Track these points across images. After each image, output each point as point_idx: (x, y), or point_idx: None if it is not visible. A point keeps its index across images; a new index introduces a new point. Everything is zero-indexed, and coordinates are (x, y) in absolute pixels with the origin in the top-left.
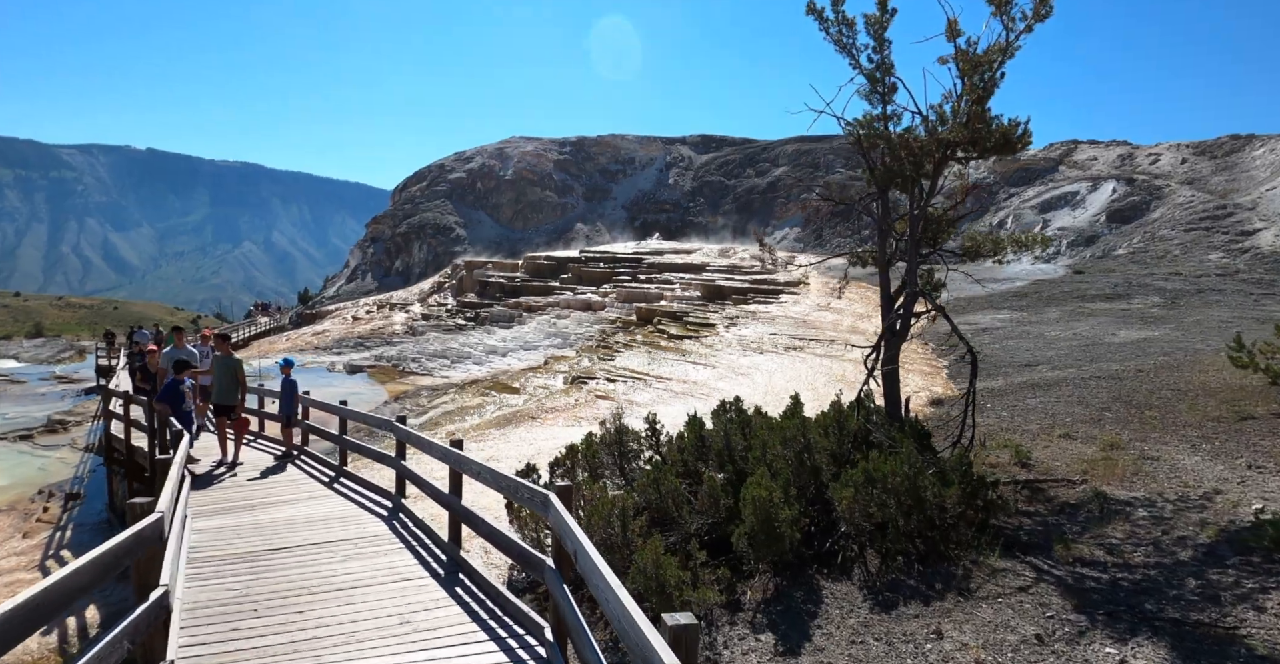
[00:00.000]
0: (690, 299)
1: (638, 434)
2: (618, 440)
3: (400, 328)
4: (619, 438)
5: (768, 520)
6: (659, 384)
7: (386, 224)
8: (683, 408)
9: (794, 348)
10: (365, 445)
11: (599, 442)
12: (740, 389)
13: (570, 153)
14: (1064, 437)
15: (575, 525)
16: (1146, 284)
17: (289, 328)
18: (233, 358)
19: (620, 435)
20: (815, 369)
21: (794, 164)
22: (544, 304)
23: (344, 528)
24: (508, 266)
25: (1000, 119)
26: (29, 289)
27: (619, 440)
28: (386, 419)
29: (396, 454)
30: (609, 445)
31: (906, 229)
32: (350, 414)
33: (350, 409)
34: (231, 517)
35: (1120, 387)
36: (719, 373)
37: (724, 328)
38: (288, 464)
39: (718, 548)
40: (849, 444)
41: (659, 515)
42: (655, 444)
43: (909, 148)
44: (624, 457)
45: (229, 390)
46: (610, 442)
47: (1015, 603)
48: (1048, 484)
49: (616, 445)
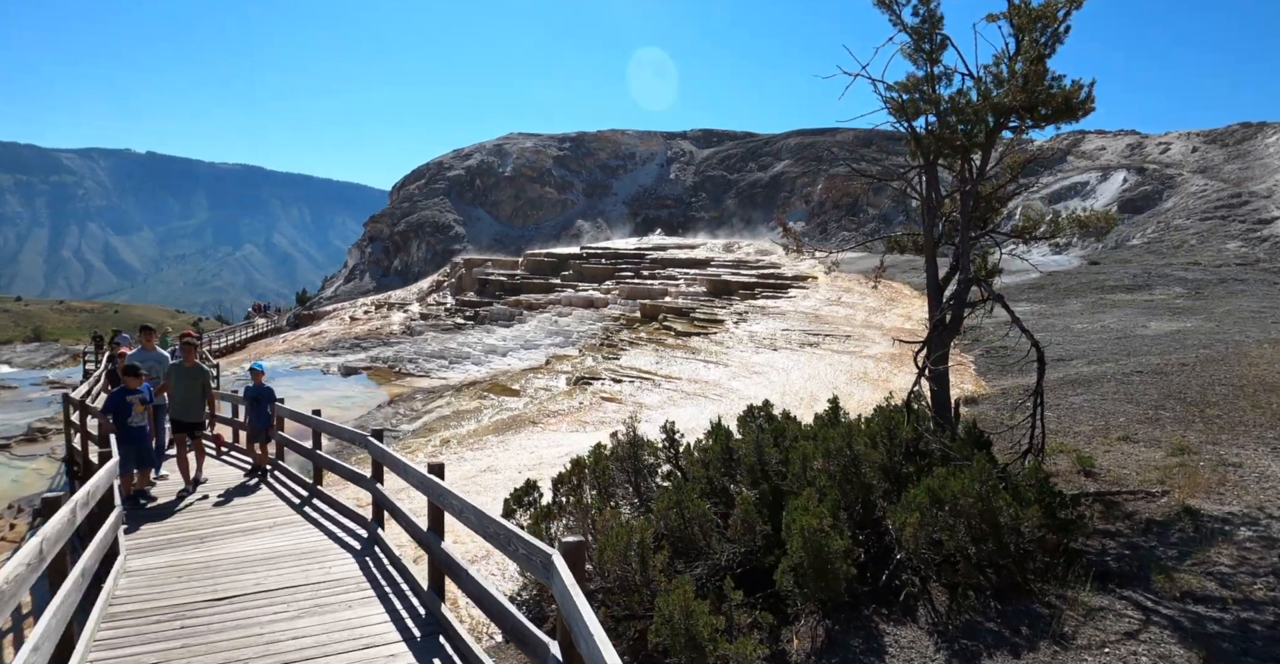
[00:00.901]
0: (695, 295)
1: (653, 445)
2: (632, 453)
3: (398, 328)
4: (633, 451)
5: (819, 554)
6: (668, 384)
7: (384, 223)
8: (695, 410)
9: (810, 344)
10: (340, 463)
11: (609, 454)
12: (756, 389)
13: (570, 149)
14: (1123, 439)
15: (585, 606)
16: (1166, 274)
17: (286, 329)
18: (200, 368)
19: (635, 448)
20: (835, 367)
21: (797, 157)
22: (545, 302)
23: (305, 568)
24: (508, 264)
25: (1062, 80)
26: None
27: (633, 453)
28: (360, 433)
29: (372, 475)
30: (621, 459)
31: (954, 208)
32: (323, 426)
33: (323, 420)
34: (177, 552)
35: (1168, 382)
36: (732, 372)
37: (733, 324)
38: (259, 482)
39: (753, 581)
40: (899, 455)
41: (682, 544)
42: (674, 457)
43: (961, 113)
44: (639, 473)
45: (192, 405)
46: (623, 455)
47: (1128, 654)
48: (1123, 497)
49: (630, 459)
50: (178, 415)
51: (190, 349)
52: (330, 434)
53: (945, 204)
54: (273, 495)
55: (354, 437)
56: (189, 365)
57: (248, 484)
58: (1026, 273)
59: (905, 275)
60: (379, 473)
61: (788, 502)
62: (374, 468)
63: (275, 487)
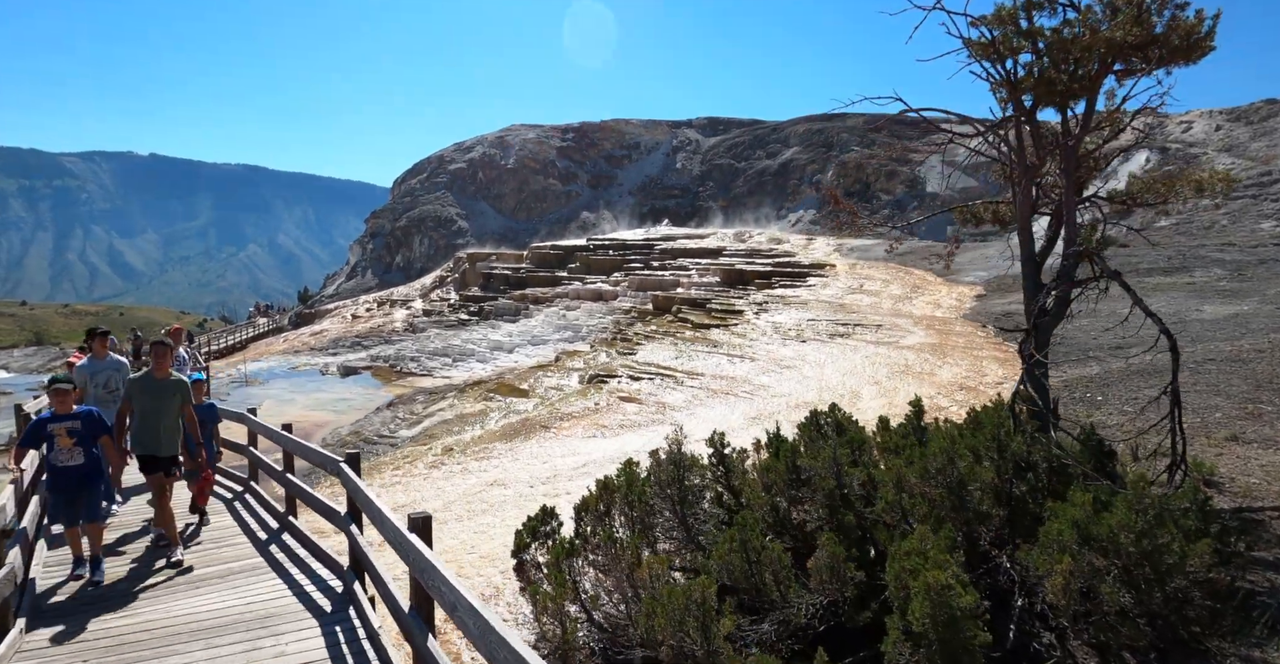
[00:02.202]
0: (709, 285)
1: (696, 460)
2: (676, 477)
3: (400, 325)
4: (678, 473)
5: (951, 622)
6: (691, 382)
7: (386, 218)
8: (724, 410)
9: (839, 335)
10: (312, 493)
11: (647, 478)
12: (789, 385)
13: (573, 139)
14: (1231, 439)
15: None
16: (1202, 256)
17: (288, 328)
18: (176, 381)
19: (680, 469)
20: (872, 360)
21: (806, 144)
22: (552, 295)
23: (255, 643)
24: (512, 258)
25: (1183, 12)
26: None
27: (678, 477)
28: (331, 458)
29: (348, 510)
30: (663, 483)
31: (1050, 169)
32: (290, 444)
33: (290, 437)
34: (97, 618)
35: (1250, 370)
36: (760, 366)
37: (753, 314)
38: (226, 511)
39: (840, 642)
40: (1009, 472)
41: (748, 595)
42: (724, 476)
43: (1067, 49)
44: (685, 500)
45: (163, 434)
46: (666, 479)
47: None
48: (1267, 514)
49: (674, 484)
50: (144, 448)
51: (162, 353)
52: (298, 455)
53: (1043, 164)
54: (235, 528)
55: (323, 461)
56: (159, 377)
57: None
58: (1055, 256)
59: (926, 262)
60: (356, 510)
61: (877, 535)
62: (349, 503)
63: (242, 515)
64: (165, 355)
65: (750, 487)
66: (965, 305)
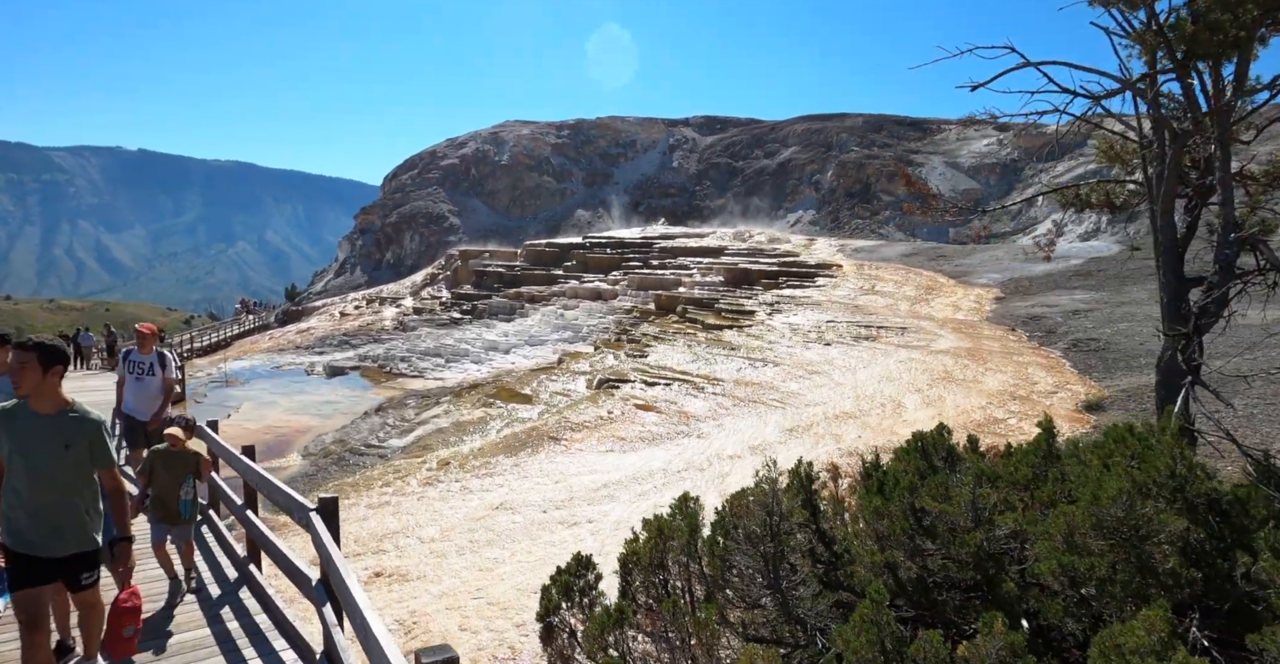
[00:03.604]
0: (713, 285)
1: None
2: (770, 528)
3: (390, 323)
4: (771, 523)
5: None
6: (713, 388)
7: (376, 214)
8: (755, 422)
9: (864, 337)
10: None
11: (719, 522)
12: (820, 392)
13: (568, 136)
14: None
15: None
16: None
17: (274, 326)
18: (78, 417)
19: (772, 517)
20: (907, 365)
21: (804, 144)
22: (548, 294)
23: None
24: (506, 255)
25: None
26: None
27: (772, 528)
28: (301, 503)
29: (320, 579)
30: (752, 537)
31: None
32: (254, 477)
33: (254, 468)
34: None
35: None
36: (785, 371)
37: (766, 315)
38: None
39: None
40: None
41: None
42: (812, 520)
43: None
44: (777, 557)
45: (48, 514)
46: (757, 533)
47: None
48: None
49: (768, 537)
50: (15, 541)
51: (25, 364)
52: (263, 492)
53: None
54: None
55: (290, 505)
56: (40, 408)
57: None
58: (1066, 259)
59: (935, 263)
60: (330, 589)
61: (1045, 609)
62: (322, 570)
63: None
64: (27, 370)
65: (855, 537)
66: (986, 308)
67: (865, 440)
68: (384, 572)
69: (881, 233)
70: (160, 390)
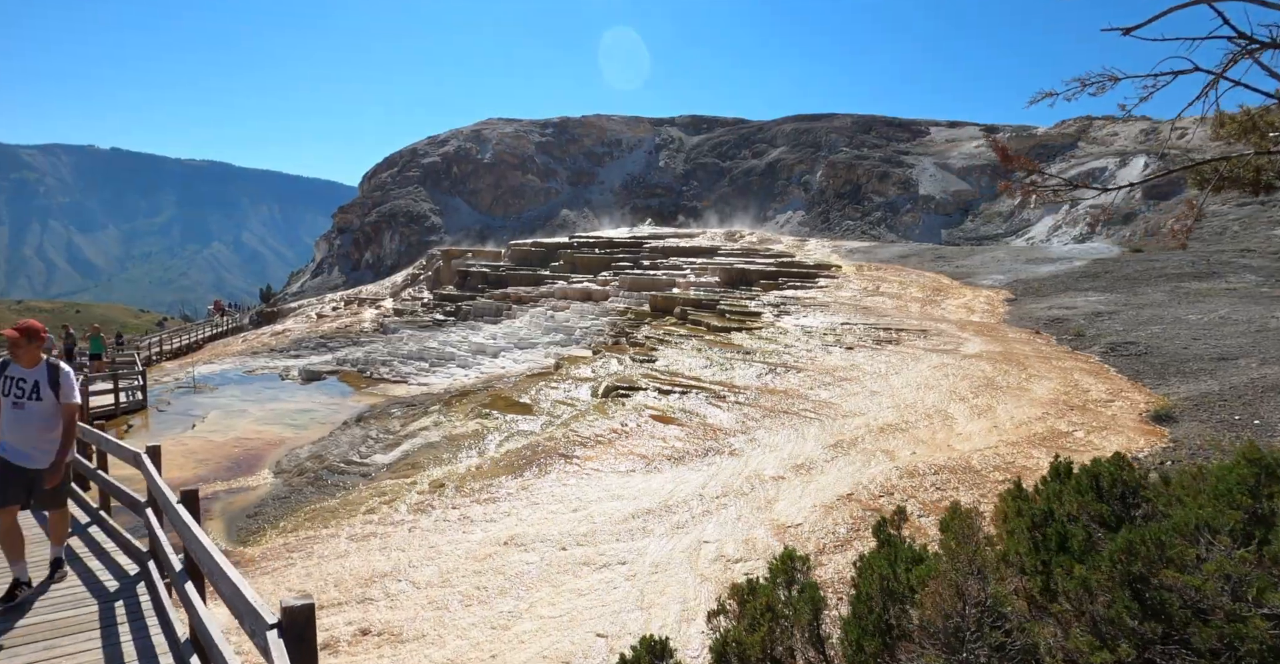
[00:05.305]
0: (709, 285)
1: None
2: (962, 621)
3: (370, 325)
4: (963, 612)
5: None
6: (735, 397)
7: (354, 213)
8: (792, 436)
9: (887, 341)
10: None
11: (859, 597)
12: (855, 401)
13: (552, 135)
14: None
15: None
16: (1227, 262)
17: (248, 328)
18: None
19: (960, 598)
20: (943, 371)
21: (793, 144)
22: (536, 295)
23: None
24: (490, 255)
25: None
26: None
27: (964, 621)
28: (255, 611)
29: None
30: (935, 638)
31: None
32: (191, 542)
33: (195, 533)
34: None
35: None
36: (811, 378)
37: (773, 316)
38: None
39: None
40: None
41: None
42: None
43: None
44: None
45: None
46: (937, 628)
47: None
48: None
49: (950, 634)
50: None
51: None
52: (205, 571)
53: None
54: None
55: (241, 609)
56: None
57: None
58: (1070, 261)
59: (934, 264)
60: None
61: None
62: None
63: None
64: None
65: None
66: (999, 310)
67: (921, 458)
68: (372, 628)
69: (873, 234)
70: (54, 421)
